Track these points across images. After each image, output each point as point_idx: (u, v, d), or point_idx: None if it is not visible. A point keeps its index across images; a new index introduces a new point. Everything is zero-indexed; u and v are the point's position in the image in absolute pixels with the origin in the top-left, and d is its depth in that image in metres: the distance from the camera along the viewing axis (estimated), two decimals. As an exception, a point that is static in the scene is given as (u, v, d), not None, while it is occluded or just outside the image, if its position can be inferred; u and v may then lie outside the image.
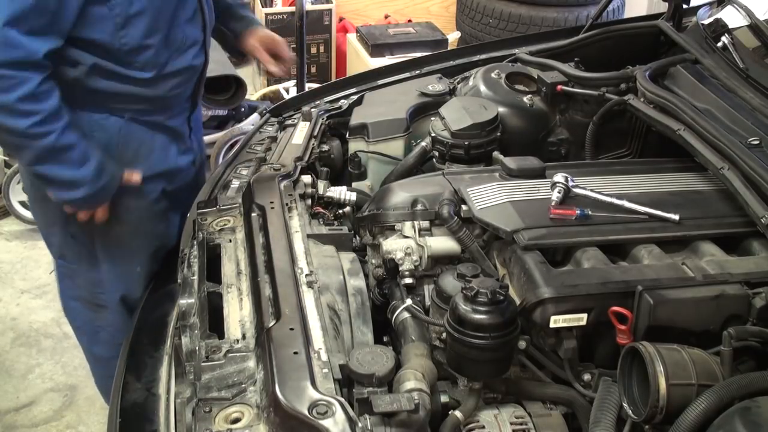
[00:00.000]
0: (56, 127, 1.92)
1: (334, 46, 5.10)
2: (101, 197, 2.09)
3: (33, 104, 1.87)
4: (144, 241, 2.27)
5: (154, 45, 2.01)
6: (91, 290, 2.36)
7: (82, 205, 2.10)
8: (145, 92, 2.07)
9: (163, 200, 2.28)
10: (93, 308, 2.40)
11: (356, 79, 2.64)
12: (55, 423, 3.01)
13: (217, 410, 1.36)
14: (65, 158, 1.97)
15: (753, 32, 2.15)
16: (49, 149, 1.94)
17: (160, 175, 2.22)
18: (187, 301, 1.62)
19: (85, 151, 2.00)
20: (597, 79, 2.28)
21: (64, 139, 1.94)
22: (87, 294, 2.38)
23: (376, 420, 1.34)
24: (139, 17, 1.94)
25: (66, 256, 2.33)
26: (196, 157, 2.36)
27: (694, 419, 1.30)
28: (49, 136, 1.92)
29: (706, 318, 1.55)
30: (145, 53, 2.00)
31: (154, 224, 2.28)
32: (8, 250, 3.96)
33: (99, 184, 2.03)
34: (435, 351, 1.65)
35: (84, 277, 2.34)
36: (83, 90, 2.01)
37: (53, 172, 1.99)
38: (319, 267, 1.74)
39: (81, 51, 1.95)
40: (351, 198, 2.13)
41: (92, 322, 2.44)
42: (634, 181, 1.92)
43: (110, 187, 2.09)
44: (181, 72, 2.12)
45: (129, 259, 2.27)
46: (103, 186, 2.05)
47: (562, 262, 1.73)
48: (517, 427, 1.52)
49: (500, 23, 4.69)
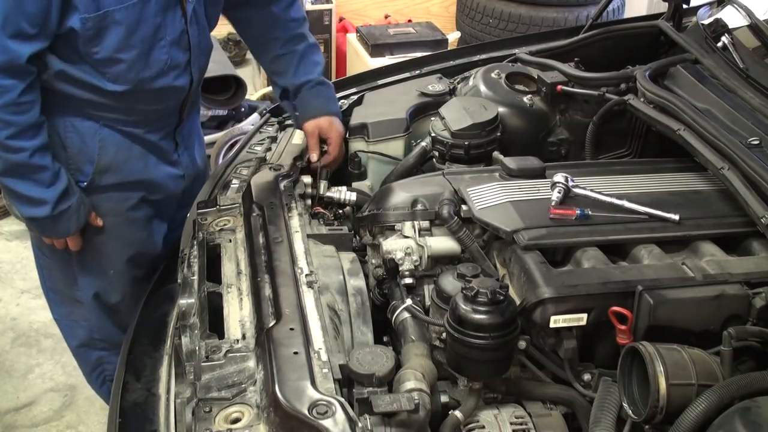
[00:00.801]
0: (30, 144, 1.90)
1: (334, 46, 5.09)
2: (62, 224, 2.06)
3: (12, 115, 1.85)
4: (119, 245, 2.23)
5: (126, 60, 1.93)
6: (66, 284, 2.35)
7: (45, 228, 2.08)
8: (120, 105, 2.02)
9: (144, 208, 2.23)
10: (69, 302, 2.38)
11: (356, 79, 2.64)
12: (55, 423, 3.01)
13: (217, 410, 1.36)
14: (34, 177, 1.96)
15: (753, 32, 2.15)
16: (20, 165, 1.92)
17: (139, 183, 2.18)
18: (187, 301, 1.62)
19: (55, 173, 1.98)
20: (597, 79, 2.27)
21: (37, 160, 1.93)
22: (63, 287, 2.36)
23: (376, 420, 1.34)
24: (111, 30, 1.87)
25: (42, 249, 2.31)
26: (186, 172, 2.30)
27: (694, 419, 1.30)
28: (23, 152, 1.90)
29: (706, 318, 1.55)
30: (116, 66, 1.94)
31: (131, 231, 2.23)
32: (8, 250, 3.96)
33: (61, 207, 2.01)
34: (435, 351, 1.65)
35: (59, 272, 2.33)
36: (54, 93, 1.96)
37: (19, 188, 1.98)
38: (319, 267, 1.74)
39: (50, 54, 1.89)
40: (351, 198, 2.13)
41: (69, 315, 2.43)
42: (634, 181, 1.92)
43: (72, 215, 2.05)
44: (160, 91, 2.05)
45: (101, 262, 2.25)
46: (65, 210, 2.03)
47: (562, 262, 1.73)
48: (517, 427, 1.52)
49: (500, 23, 4.68)
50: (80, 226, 2.11)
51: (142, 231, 2.27)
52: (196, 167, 2.37)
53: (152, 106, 2.08)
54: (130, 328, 1.92)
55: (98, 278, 2.28)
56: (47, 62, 1.90)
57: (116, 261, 2.25)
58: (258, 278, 1.63)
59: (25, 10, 1.77)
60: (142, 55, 1.95)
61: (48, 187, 1.98)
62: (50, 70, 1.92)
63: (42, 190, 1.98)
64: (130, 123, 2.09)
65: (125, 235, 2.23)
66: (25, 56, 1.81)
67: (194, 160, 2.36)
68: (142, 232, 2.26)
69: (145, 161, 2.16)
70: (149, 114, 2.10)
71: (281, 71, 2.29)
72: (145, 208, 2.24)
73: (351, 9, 5.37)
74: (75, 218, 2.07)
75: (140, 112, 2.08)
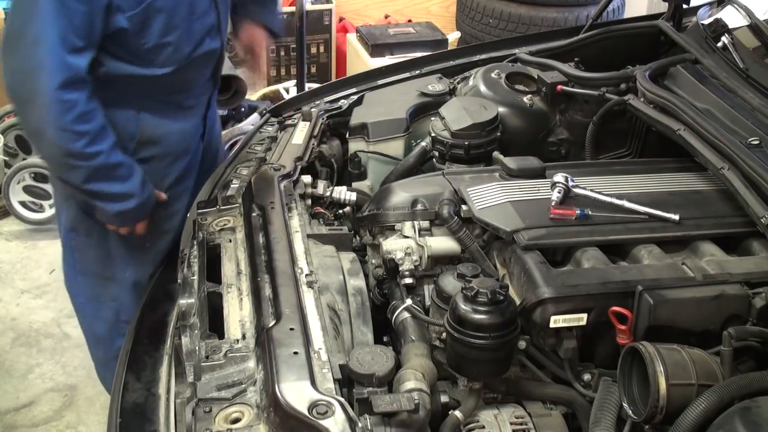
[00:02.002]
0: (105, 146, 1.99)
1: (334, 46, 5.09)
2: (146, 208, 2.16)
3: (84, 124, 1.93)
4: (157, 218, 2.29)
5: (172, 42, 2.02)
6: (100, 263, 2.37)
7: (129, 218, 2.15)
8: (163, 84, 2.11)
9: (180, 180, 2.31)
10: (101, 282, 2.40)
11: (356, 79, 2.64)
12: (55, 423, 3.01)
13: (217, 410, 1.36)
14: (114, 174, 2.04)
15: (753, 32, 2.15)
16: (100, 167, 2.00)
17: (175, 154, 2.25)
18: (187, 301, 1.62)
19: (130, 165, 2.07)
20: (597, 79, 2.28)
21: (113, 158, 2.02)
22: (96, 267, 2.39)
23: (376, 420, 1.34)
24: (155, 18, 1.96)
25: (77, 230, 2.34)
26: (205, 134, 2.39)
27: (694, 419, 1.30)
28: (100, 156, 1.98)
29: (706, 318, 1.55)
30: (164, 51, 2.02)
31: (168, 202, 2.29)
32: (8, 250, 3.96)
33: (145, 194, 2.11)
34: (435, 351, 1.65)
35: (95, 250, 2.35)
36: (100, 87, 2.01)
37: (104, 188, 2.06)
38: (319, 267, 1.74)
39: (100, 56, 1.96)
40: (351, 198, 2.13)
41: (97, 297, 2.44)
42: (634, 181, 1.92)
43: (152, 198, 2.16)
44: (199, 59, 2.14)
45: (141, 236, 2.29)
46: (149, 195, 2.13)
47: (562, 262, 1.73)
48: (517, 427, 1.52)
49: (500, 23, 4.68)
50: (152, 207, 2.19)
51: (177, 203, 2.32)
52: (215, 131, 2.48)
53: (191, 75, 2.17)
54: (130, 328, 1.92)
55: (136, 252, 2.32)
56: (97, 64, 1.97)
57: (153, 234, 2.29)
58: (258, 278, 1.63)
59: (74, 25, 1.84)
60: (184, 33, 2.04)
61: (128, 180, 2.07)
62: (101, 69, 1.98)
63: (125, 185, 2.07)
64: (171, 95, 2.17)
65: (163, 207, 2.29)
66: (84, 68, 1.89)
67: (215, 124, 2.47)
68: (176, 204, 2.32)
69: (182, 132, 2.24)
70: (190, 83, 2.19)
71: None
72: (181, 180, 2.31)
73: (351, 9, 5.37)
74: (150, 201, 2.16)
75: (180, 85, 2.16)
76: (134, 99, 2.10)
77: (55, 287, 3.70)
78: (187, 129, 2.27)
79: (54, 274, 3.80)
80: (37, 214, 4.09)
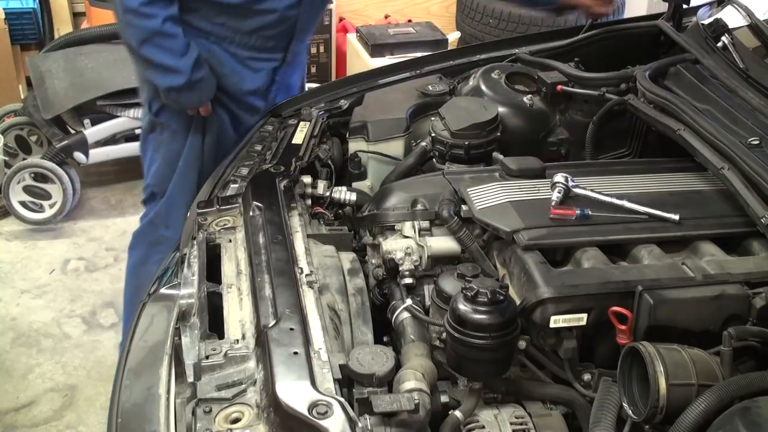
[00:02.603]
0: (162, 13, 2.14)
1: (334, 46, 5.09)
2: (197, 92, 2.29)
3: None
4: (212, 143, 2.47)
5: None
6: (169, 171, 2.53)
7: (179, 97, 2.29)
8: (232, 23, 2.23)
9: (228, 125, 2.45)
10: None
11: (356, 79, 2.64)
12: (55, 423, 3.01)
13: (217, 410, 1.36)
14: (167, 45, 2.19)
15: (753, 32, 2.15)
16: (153, 32, 2.16)
17: (229, 97, 2.39)
18: (187, 301, 1.62)
19: (186, 43, 2.20)
20: (597, 79, 2.28)
21: (167, 28, 2.16)
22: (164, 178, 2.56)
23: (376, 420, 1.34)
24: None
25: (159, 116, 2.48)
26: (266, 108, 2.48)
27: (694, 419, 1.30)
28: (154, 19, 2.14)
29: (706, 318, 1.55)
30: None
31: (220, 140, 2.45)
32: (8, 250, 3.96)
33: (196, 76, 2.23)
34: (435, 351, 1.65)
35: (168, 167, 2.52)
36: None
37: (155, 57, 2.20)
38: (319, 267, 1.74)
39: None
40: (351, 198, 2.13)
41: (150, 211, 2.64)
42: (634, 181, 1.92)
43: (206, 84, 2.29)
44: (270, 12, 2.24)
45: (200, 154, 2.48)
46: (200, 79, 2.25)
47: (562, 262, 1.73)
48: (517, 427, 1.52)
49: (500, 23, 4.68)
50: (210, 97, 2.35)
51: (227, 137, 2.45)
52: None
53: (261, 31, 2.28)
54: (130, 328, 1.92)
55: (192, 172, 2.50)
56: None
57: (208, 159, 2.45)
58: (258, 278, 1.63)
59: None
60: None
61: (181, 57, 2.21)
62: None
63: (176, 59, 2.21)
64: (237, 45, 2.32)
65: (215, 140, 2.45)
66: None
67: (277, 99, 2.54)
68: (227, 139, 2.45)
69: (241, 82, 2.38)
70: (255, 41, 2.33)
71: None
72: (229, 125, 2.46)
73: (351, 9, 5.37)
74: (206, 88, 2.31)
75: (248, 35, 2.28)
76: (206, 27, 2.25)
77: (55, 287, 3.71)
78: (246, 84, 2.38)
79: (54, 274, 3.80)
80: (37, 214, 4.09)
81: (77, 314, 3.54)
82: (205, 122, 2.45)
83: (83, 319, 3.49)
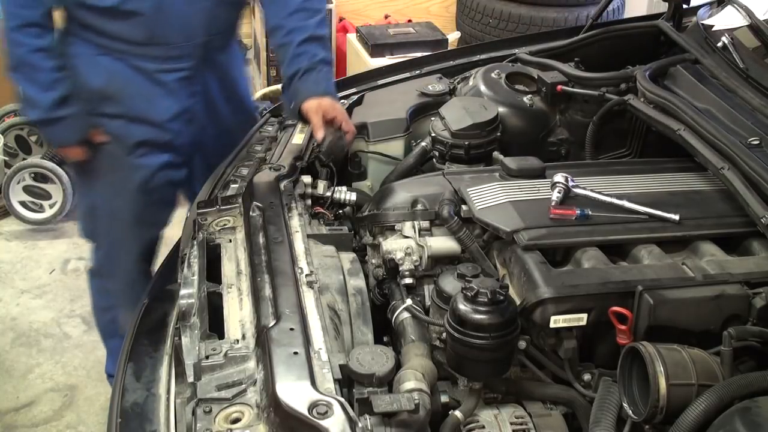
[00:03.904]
0: (32, 43, 2.05)
1: (334, 46, 5.09)
2: (59, 130, 2.19)
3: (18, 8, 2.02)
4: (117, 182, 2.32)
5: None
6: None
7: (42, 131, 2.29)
8: (122, 31, 2.10)
9: (146, 153, 2.29)
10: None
11: (356, 79, 2.64)
12: (55, 423, 3.01)
13: (217, 410, 1.36)
14: (32, 76, 2.10)
15: (753, 32, 2.15)
16: (22, 61, 2.08)
17: (141, 121, 2.23)
18: (187, 301, 1.62)
19: (54, 79, 2.10)
20: (597, 79, 2.28)
21: (35, 59, 2.07)
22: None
23: (376, 420, 1.34)
24: None
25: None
26: (204, 124, 2.34)
27: (694, 419, 1.30)
28: (22, 48, 2.06)
29: (706, 318, 1.55)
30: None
31: (130, 172, 2.29)
32: (8, 250, 3.96)
33: (57, 113, 2.13)
34: (435, 351, 1.65)
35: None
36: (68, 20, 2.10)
37: (21, 85, 2.13)
38: (319, 267, 1.74)
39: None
40: (351, 198, 2.13)
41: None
42: (634, 181, 1.92)
43: (71, 124, 2.17)
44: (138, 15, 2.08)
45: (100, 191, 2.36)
46: (61, 118, 2.14)
47: (562, 262, 1.73)
48: (517, 427, 1.52)
49: (500, 23, 4.68)
50: (79, 139, 2.21)
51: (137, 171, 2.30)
52: (220, 120, 2.40)
53: (150, 34, 2.13)
54: (130, 328, 1.92)
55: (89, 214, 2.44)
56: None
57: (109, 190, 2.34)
58: (258, 278, 1.63)
59: None
60: None
61: (45, 91, 2.11)
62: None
63: (38, 92, 2.12)
64: (139, 57, 2.17)
65: (121, 174, 2.30)
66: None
67: (221, 115, 2.39)
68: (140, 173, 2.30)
69: (150, 101, 2.23)
70: (154, 50, 2.16)
71: (279, 61, 2.30)
72: (147, 153, 2.29)
73: (351, 9, 5.37)
74: (71, 128, 2.19)
75: (140, 44, 2.14)
76: (103, 42, 2.13)
77: (55, 287, 3.71)
78: (159, 104, 2.23)
79: (54, 274, 3.80)
80: (37, 214, 4.09)
81: (77, 314, 3.53)
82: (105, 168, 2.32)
83: (83, 319, 3.48)
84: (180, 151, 2.36)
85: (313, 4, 2.24)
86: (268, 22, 2.30)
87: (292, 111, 2.21)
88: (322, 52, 2.22)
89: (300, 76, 2.19)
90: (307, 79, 2.19)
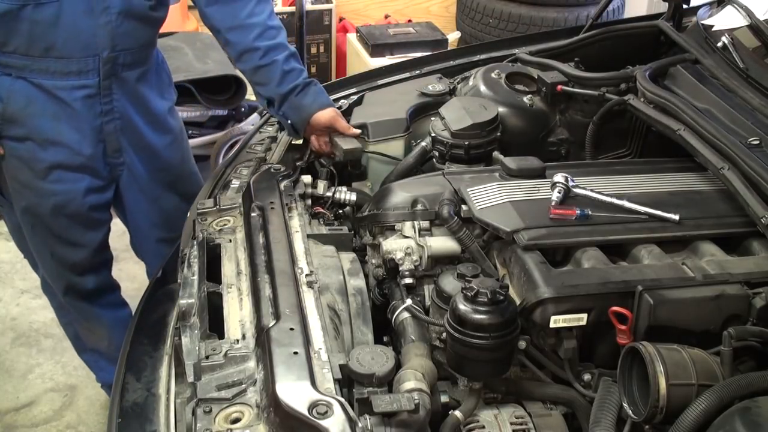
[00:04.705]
0: None
1: (334, 46, 5.09)
2: None
3: None
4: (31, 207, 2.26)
5: None
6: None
7: None
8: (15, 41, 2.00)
9: (61, 178, 2.21)
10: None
11: (356, 79, 2.64)
12: (55, 423, 3.01)
13: (217, 410, 1.36)
14: None
15: (753, 32, 2.15)
16: None
17: (50, 143, 2.15)
18: (187, 301, 1.62)
19: None
20: (597, 79, 2.28)
21: None
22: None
23: (376, 420, 1.34)
24: None
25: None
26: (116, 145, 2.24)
27: (694, 419, 1.30)
28: None
29: (706, 318, 1.55)
30: None
31: (44, 198, 2.23)
32: (8, 250, 3.95)
33: None
34: (435, 351, 1.66)
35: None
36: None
37: None
38: (319, 267, 1.74)
39: None
40: (351, 198, 2.13)
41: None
42: (634, 181, 1.92)
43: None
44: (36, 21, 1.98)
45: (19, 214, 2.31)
46: None
47: (562, 262, 1.73)
48: (517, 427, 1.52)
49: (500, 23, 4.69)
50: None
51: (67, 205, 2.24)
52: (143, 142, 2.30)
53: (45, 47, 2.03)
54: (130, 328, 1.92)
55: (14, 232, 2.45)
56: None
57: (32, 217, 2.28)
58: (258, 278, 1.63)
59: None
60: None
61: None
62: None
63: None
64: (36, 72, 2.06)
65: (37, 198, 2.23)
66: None
67: (140, 136, 2.29)
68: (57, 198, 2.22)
69: (57, 123, 2.14)
70: (49, 64, 2.06)
71: (264, 82, 2.21)
72: (62, 178, 2.21)
73: (351, 9, 5.38)
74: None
75: (38, 57, 2.04)
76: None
77: (55, 287, 3.70)
78: (63, 126, 2.13)
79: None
80: None
81: (77, 314, 3.53)
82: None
83: (83, 319, 3.48)
84: (100, 175, 2.27)
85: (274, 22, 2.22)
86: (234, 49, 2.20)
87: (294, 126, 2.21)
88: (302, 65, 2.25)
89: (298, 92, 2.19)
90: (307, 93, 2.20)
